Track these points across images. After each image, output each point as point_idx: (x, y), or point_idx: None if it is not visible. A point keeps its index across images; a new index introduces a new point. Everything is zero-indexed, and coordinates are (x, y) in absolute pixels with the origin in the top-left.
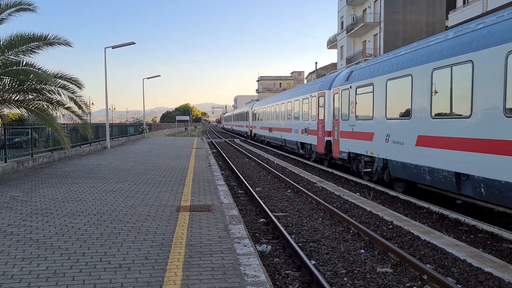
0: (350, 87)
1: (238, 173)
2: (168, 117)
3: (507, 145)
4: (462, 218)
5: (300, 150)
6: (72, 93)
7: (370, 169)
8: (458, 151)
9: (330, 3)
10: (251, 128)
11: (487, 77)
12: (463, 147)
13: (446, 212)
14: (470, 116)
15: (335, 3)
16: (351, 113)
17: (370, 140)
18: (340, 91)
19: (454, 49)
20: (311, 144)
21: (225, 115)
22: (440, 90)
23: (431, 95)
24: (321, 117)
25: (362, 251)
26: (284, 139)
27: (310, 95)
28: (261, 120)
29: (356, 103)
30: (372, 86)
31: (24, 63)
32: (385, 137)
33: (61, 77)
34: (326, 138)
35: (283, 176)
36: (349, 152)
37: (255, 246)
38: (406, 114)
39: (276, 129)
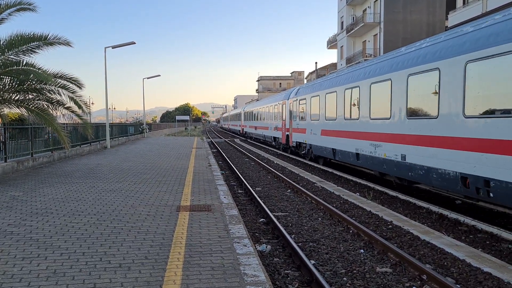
0: (296, 99)
1: (238, 173)
2: (168, 117)
3: (409, 137)
4: (461, 218)
5: (273, 142)
6: (72, 92)
7: (305, 151)
8: (333, 137)
9: (330, 3)
10: (242, 127)
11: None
12: (335, 135)
13: (445, 212)
14: (358, 119)
15: (335, 3)
16: (296, 116)
17: (304, 133)
18: (292, 101)
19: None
20: (278, 137)
21: (223, 115)
22: (329, 104)
23: (325, 107)
24: (284, 118)
25: (362, 251)
26: (264, 134)
27: (278, 103)
28: (249, 120)
29: (299, 110)
30: (305, 100)
31: (24, 63)
32: (310, 131)
33: (61, 77)
34: (286, 133)
35: (283, 176)
36: (296, 141)
37: (255, 246)
38: (316, 118)
39: (259, 127)
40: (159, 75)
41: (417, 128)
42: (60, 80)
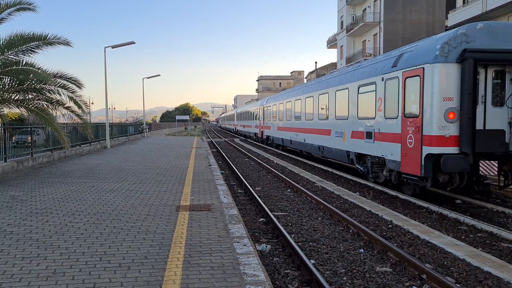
0: (266, 106)
1: (237, 172)
2: (168, 117)
3: (320, 131)
4: (461, 217)
5: (254, 137)
6: (72, 92)
7: (270, 141)
8: (282, 131)
9: (330, 3)
10: (235, 126)
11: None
12: (283, 130)
13: (445, 211)
14: (300, 120)
15: (335, 3)
16: (266, 118)
17: (270, 129)
18: (264, 107)
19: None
20: (257, 133)
21: (221, 116)
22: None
23: (278, 113)
24: (260, 119)
25: (362, 250)
26: (249, 131)
27: (257, 107)
28: (239, 120)
29: (267, 114)
30: (270, 107)
31: (24, 62)
32: (272, 128)
33: (61, 77)
34: (261, 130)
35: (282, 176)
36: (266, 135)
37: (255, 246)
38: (275, 119)
39: (246, 126)
40: (159, 75)
41: (314, 125)
42: (60, 80)
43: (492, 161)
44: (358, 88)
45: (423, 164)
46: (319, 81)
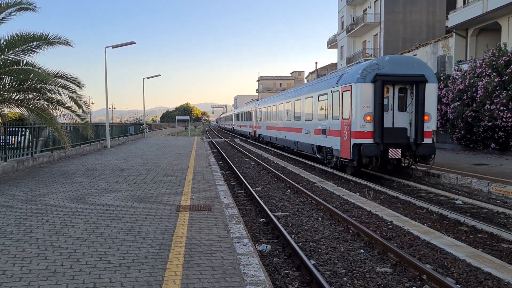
0: (258, 108)
1: (238, 172)
2: (168, 117)
3: (297, 128)
4: (461, 218)
5: (248, 135)
6: (72, 92)
7: (260, 139)
8: (269, 130)
9: (330, 3)
10: (233, 126)
11: (344, 98)
12: (270, 129)
13: (445, 212)
14: (286, 121)
15: (335, 3)
16: (258, 119)
17: (260, 129)
18: (256, 109)
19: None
20: (250, 132)
21: (221, 116)
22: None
23: (267, 114)
24: (253, 120)
25: (362, 251)
26: (244, 131)
27: (251, 109)
28: (236, 121)
29: (258, 115)
30: (261, 109)
31: (25, 62)
32: (262, 127)
33: (61, 77)
34: (254, 129)
35: (283, 176)
36: (258, 134)
37: (255, 246)
38: (264, 119)
39: (242, 126)
40: (159, 75)
41: (283, 125)
42: (60, 79)
43: (397, 149)
44: (318, 97)
45: (351, 151)
46: (295, 89)
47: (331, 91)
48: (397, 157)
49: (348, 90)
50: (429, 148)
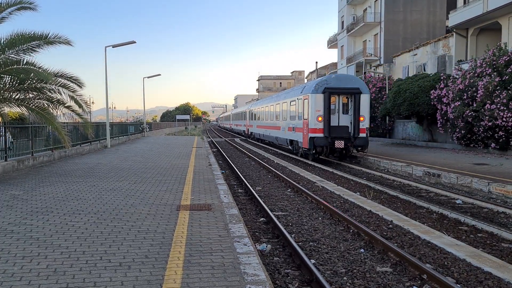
0: (250, 109)
1: (238, 172)
2: (169, 116)
3: (276, 126)
4: (462, 217)
5: (243, 133)
6: (73, 92)
7: (252, 136)
8: (259, 128)
9: (330, 3)
10: (231, 125)
11: (303, 105)
12: (259, 127)
13: (446, 211)
14: (274, 121)
15: (335, 3)
16: (250, 118)
17: (252, 127)
18: (249, 110)
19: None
20: (245, 130)
21: (220, 116)
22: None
23: (257, 115)
24: (246, 119)
25: (362, 250)
26: (240, 129)
27: (245, 110)
28: (234, 120)
29: (251, 115)
30: (253, 110)
31: (25, 61)
32: (253, 126)
33: (61, 76)
34: (248, 128)
35: (283, 176)
36: (250, 132)
37: (255, 245)
38: (255, 119)
39: (238, 125)
40: (160, 74)
41: (268, 124)
42: (60, 79)
43: (341, 141)
44: (290, 102)
45: (308, 142)
46: (277, 95)
47: (297, 99)
48: (341, 147)
49: (307, 99)
50: (364, 140)
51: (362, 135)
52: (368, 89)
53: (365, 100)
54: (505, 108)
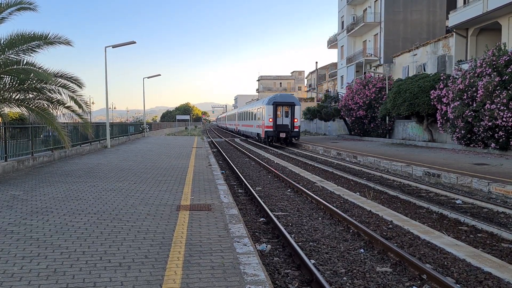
0: (238, 111)
1: (238, 172)
2: (169, 117)
3: (251, 125)
4: (461, 218)
5: (234, 131)
6: (73, 92)
7: (239, 133)
8: (242, 127)
9: (331, 3)
10: (226, 125)
11: (262, 112)
12: (242, 126)
13: (445, 212)
14: (253, 121)
15: (335, 3)
16: (238, 118)
17: (240, 126)
18: (238, 112)
19: (253, 105)
20: (235, 129)
21: (218, 117)
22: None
23: (241, 116)
24: (236, 119)
25: (362, 250)
26: (232, 128)
27: (236, 112)
28: (228, 120)
29: (238, 116)
30: (240, 113)
31: (25, 62)
32: (240, 125)
33: (61, 76)
34: (236, 126)
35: (283, 176)
36: (238, 130)
37: (255, 245)
38: (241, 120)
39: (231, 124)
40: (160, 75)
41: (247, 123)
42: (60, 79)
43: (283, 133)
44: (257, 109)
45: (264, 134)
46: (252, 103)
47: (259, 108)
48: (283, 137)
49: (264, 108)
50: (297, 133)
51: (296, 130)
52: (299, 103)
53: (297, 109)
54: (505, 108)
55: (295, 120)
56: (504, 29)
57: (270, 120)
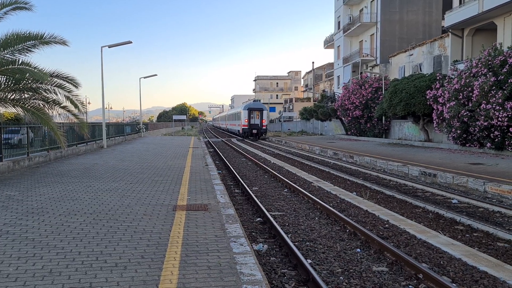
0: (227, 113)
1: (234, 172)
2: (165, 117)
3: (235, 124)
4: (457, 217)
5: (224, 129)
6: (69, 92)
7: (228, 131)
8: (229, 126)
9: (327, 3)
10: (220, 124)
11: (241, 114)
12: (228, 125)
13: (441, 211)
14: (236, 121)
15: (332, 3)
16: (227, 119)
17: (228, 125)
18: (227, 113)
19: (237, 109)
20: (225, 128)
21: (214, 117)
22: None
23: (229, 117)
24: (226, 120)
25: (358, 250)
26: (223, 127)
27: (225, 114)
28: (222, 121)
29: (227, 117)
30: (229, 115)
31: (20, 62)
32: (228, 124)
33: (57, 76)
34: (226, 126)
35: (279, 176)
36: (227, 128)
37: (252, 245)
38: (228, 120)
39: (223, 124)
40: (156, 75)
41: (232, 123)
42: (56, 79)
43: (255, 130)
44: (237, 112)
45: (242, 130)
46: (235, 108)
47: (239, 111)
48: (255, 133)
49: (241, 112)
50: (265, 130)
51: (264, 128)
52: (267, 108)
53: (265, 113)
54: (500, 108)
55: (263, 121)
56: (500, 29)
57: (246, 120)
